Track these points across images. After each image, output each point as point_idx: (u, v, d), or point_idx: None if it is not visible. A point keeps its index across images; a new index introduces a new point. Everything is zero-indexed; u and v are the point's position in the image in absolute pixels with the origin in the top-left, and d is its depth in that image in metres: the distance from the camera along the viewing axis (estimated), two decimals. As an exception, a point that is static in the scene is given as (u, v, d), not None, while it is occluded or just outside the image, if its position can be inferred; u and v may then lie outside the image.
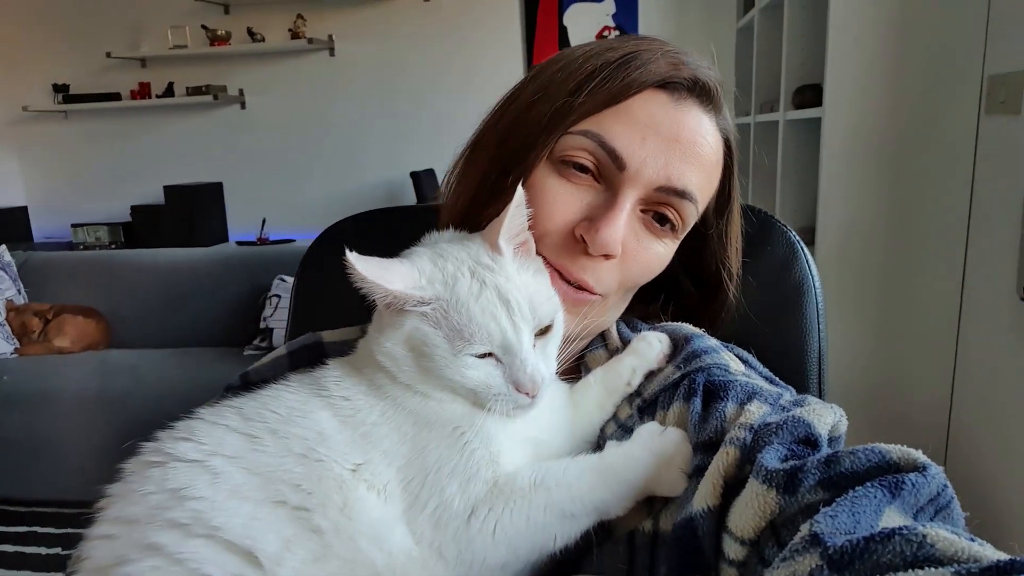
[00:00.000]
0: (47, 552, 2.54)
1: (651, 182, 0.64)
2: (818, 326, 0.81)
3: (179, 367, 2.95)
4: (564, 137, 0.65)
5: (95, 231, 4.46)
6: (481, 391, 0.56)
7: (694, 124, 0.65)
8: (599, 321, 0.70)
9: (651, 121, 0.64)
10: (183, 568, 0.48)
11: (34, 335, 3.12)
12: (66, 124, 4.72)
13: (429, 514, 0.54)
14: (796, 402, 0.56)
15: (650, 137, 0.63)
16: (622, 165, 0.63)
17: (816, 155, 2.28)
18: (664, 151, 0.64)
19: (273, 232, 4.43)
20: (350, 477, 0.54)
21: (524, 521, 0.54)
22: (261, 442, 0.54)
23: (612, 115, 0.64)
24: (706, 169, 0.67)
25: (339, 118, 4.44)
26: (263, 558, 0.49)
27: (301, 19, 4.25)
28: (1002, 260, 1.87)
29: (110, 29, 4.49)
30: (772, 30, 2.91)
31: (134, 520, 0.51)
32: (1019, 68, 1.82)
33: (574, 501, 0.55)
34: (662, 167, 0.64)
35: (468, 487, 0.54)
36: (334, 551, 0.51)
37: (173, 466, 0.53)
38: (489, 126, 0.72)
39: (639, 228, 0.66)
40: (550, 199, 0.65)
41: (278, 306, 3.07)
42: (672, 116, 0.64)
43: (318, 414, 0.57)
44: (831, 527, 0.38)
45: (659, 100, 0.65)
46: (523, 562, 0.56)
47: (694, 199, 0.66)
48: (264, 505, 0.51)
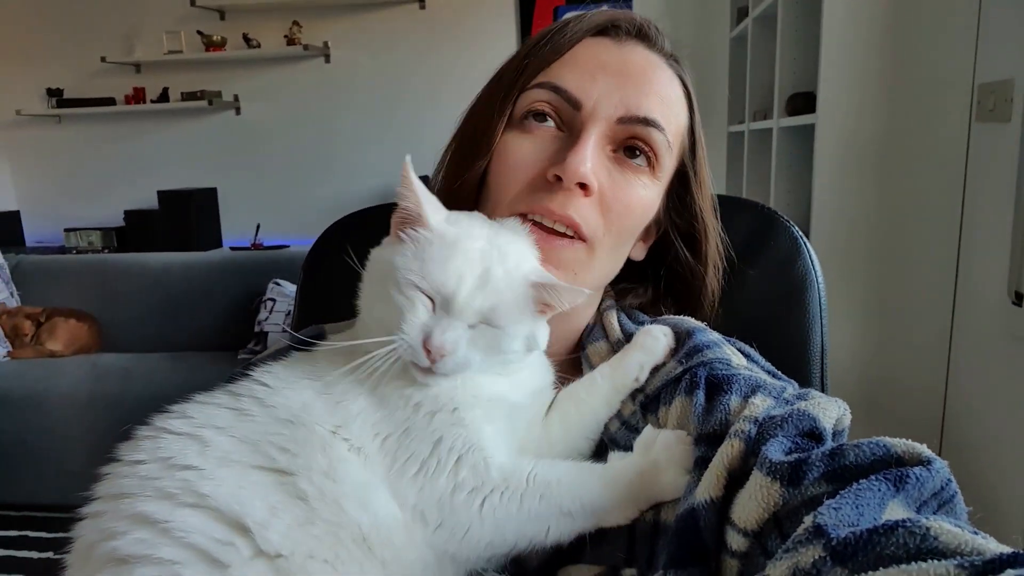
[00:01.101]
0: (39, 556, 2.52)
1: (610, 115, 0.65)
2: (820, 321, 0.82)
3: (172, 371, 2.94)
4: (520, 97, 0.68)
5: (88, 236, 4.43)
6: (400, 321, 0.56)
7: (641, 60, 0.68)
8: (590, 277, 0.69)
9: (597, 61, 0.67)
10: (170, 538, 0.48)
11: (26, 338, 3.10)
12: (60, 129, 4.69)
13: (410, 478, 0.55)
14: (800, 396, 0.56)
15: (599, 75, 0.66)
16: (577, 104, 0.65)
17: (809, 162, 2.30)
18: (617, 86, 0.66)
19: (267, 238, 4.41)
20: (331, 438, 0.55)
21: (516, 506, 0.55)
22: (249, 412, 0.56)
23: (559, 64, 0.67)
24: (664, 101, 0.68)
25: (334, 125, 4.44)
26: (251, 523, 0.49)
27: (297, 26, 4.25)
28: (993, 264, 1.89)
29: (105, 34, 4.48)
30: (765, 39, 2.93)
31: (123, 494, 0.51)
32: (1008, 77, 1.84)
33: (574, 500, 0.55)
34: (618, 101, 0.65)
35: (448, 456, 0.55)
36: (319, 515, 0.51)
37: (164, 438, 0.54)
38: (462, 124, 0.76)
39: (611, 166, 0.67)
40: (518, 155, 0.67)
41: (273, 310, 3.06)
42: (617, 54, 0.67)
43: (301, 382, 0.58)
44: (835, 519, 0.39)
45: (602, 44, 0.68)
46: (510, 545, 0.56)
47: (659, 126, 0.67)
48: (251, 472, 0.52)
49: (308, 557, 0.50)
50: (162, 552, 0.48)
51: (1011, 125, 1.82)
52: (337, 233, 0.96)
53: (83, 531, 0.52)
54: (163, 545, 0.48)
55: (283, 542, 0.49)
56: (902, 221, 2.18)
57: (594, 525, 0.57)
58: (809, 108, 2.35)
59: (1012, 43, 1.85)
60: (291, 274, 3.18)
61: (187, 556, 0.48)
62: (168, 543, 0.48)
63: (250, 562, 0.49)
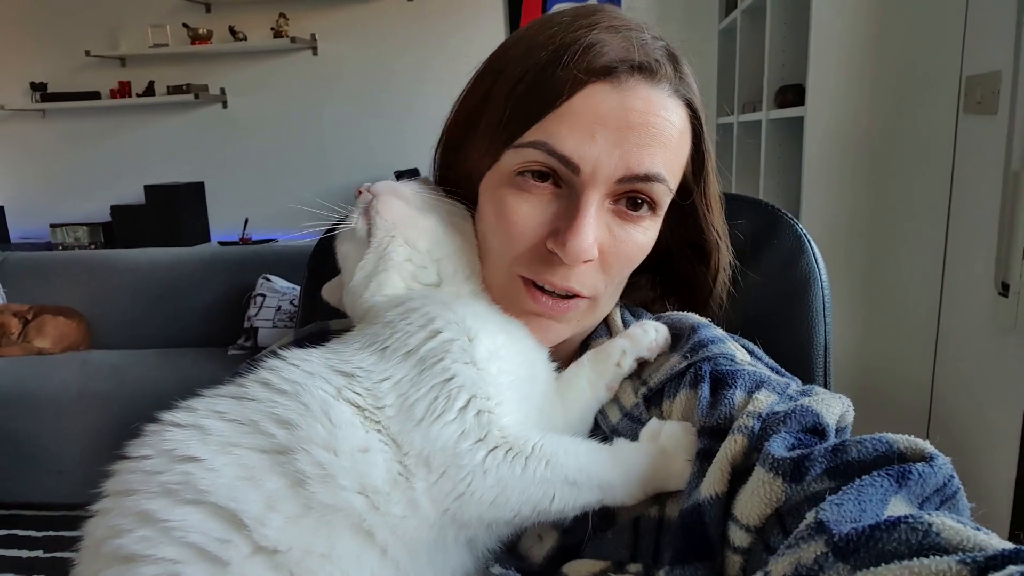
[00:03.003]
0: (28, 555, 2.50)
1: (610, 177, 0.61)
2: (824, 319, 0.82)
3: (162, 367, 2.92)
4: (511, 152, 0.62)
5: (74, 231, 4.39)
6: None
7: (643, 106, 0.61)
8: (595, 317, 0.71)
9: (596, 116, 0.60)
10: (170, 538, 0.48)
11: (13, 336, 3.07)
12: (44, 123, 4.64)
13: (417, 423, 0.55)
14: (804, 392, 0.56)
15: (599, 132, 0.60)
16: (576, 169, 0.60)
17: (799, 154, 2.31)
18: (617, 142, 0.60)
19: (255, 232, 4.39)
20: (333, 402, 0.55)
21: (520, 467, 0.54)
22: (250, 393, 0.56)
23: (555, 119, 0.60)
24: (669, 145, 0.63)
25: (322, 118, 4.41)
26: (247, 520, 0.49)
27: (284, 18, 4.21)
28: (980, 254, 1.91)
29: (89, 27, 4.43)
30: (755, 31, 2.93)
31: (129, 490, 0.51)
32: (995, 69, 1.86)
33: (580, 471, 0.55)
34: (619, 160, 0.60)
35: (458, 400, 0.55)
36: (316, 498, 0.51)
37: (169, 430, 0.54)
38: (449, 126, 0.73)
39: (612, 221, 0.63)
40: (513, 218, 0.62)
41: (263, 305, 3.05)
42: (617, 104, 0.60)
43: (310, 355, 0.59)
44: (837, 515, 0.39)
45: (600, 91, 0.60)
46: (513, 511, 0.55)
47: (662, 179, 0.63)
48: (250, 456, 0.52)
49: (305, 552, 0.50)
50: (164, 552, 0.48)
51: (998, 117, 1.84)
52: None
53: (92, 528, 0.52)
54: (164, 544, 0.48)
55: (280, 537, 0.49)
56: (890, 212, 2.19)
57: (599, 500, 0.56)
58: (798, 100, 2.36)
59: (999, 36, 1.86)
60: (281, 269, 3.16)
61: (187, 555, 0.48)
62: (169, 542, 0.48)
63: (249, 559, 0.49)
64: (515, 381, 0.59)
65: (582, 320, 0.68)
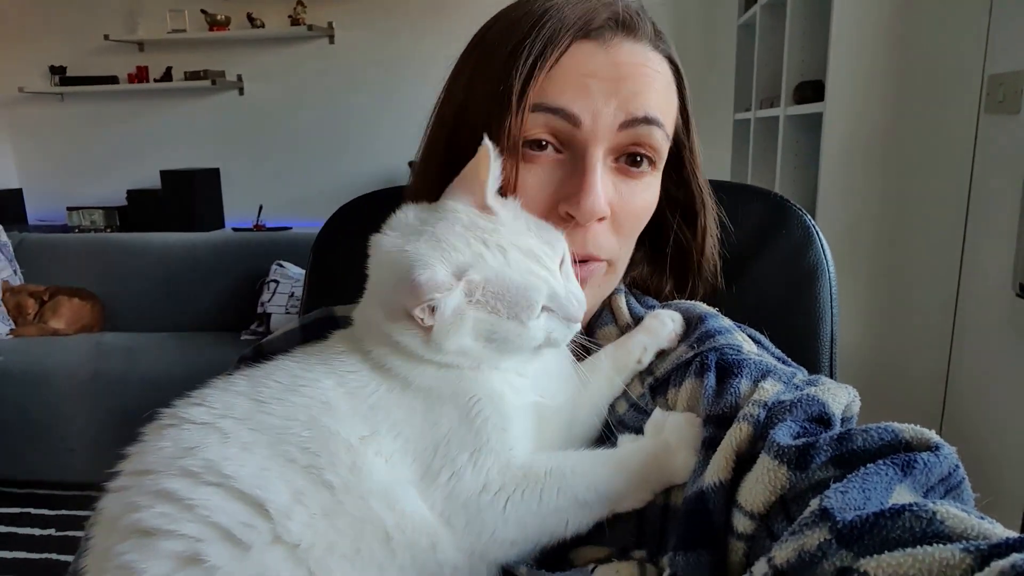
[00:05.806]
0: (40, 533, 2.54)
1: (611, 125, 0.63)
2: (831, 309, 0.81)
3: (175, 350, 2.95)
4: (511, 121, 0.63)
5: (90, 215, 4.42)
6: (547, 341, 0.58)
7: (628, 57, 0.64)
8: (614, 279, 0.72)
9: (586, 71, 0.63)
10: (193, 515, 0.48)
11: (29, 316, 3.12)
12: (62, 106, 4.67)
13: (442, 485, 0.54)
14: (810, 381, 0.57)
15: (592, 83, 0.62)
16: (576, 121, 0.62)
17: (816, 151, 2.29)
18: (612, 92, 0.63)
19: (270, 220, 4.41)
20: (358, 444, 0.54)
21: (536, 502, 0.55)
22: (268, 407, 0.55)
23: (547, 81, 0.62)
24: (659, 91, 0.66)
25: (338, 106, 4.42)
26: (272, 510, 0.49)
27: (301, 6, 4.22)
28: (998, 255, 1.89)
29: (108, 12, 4.45)
30: (774, 26, 2.91)
31: (147, 470, 0.51)
32: (1019, 68, 1.83)
33: (588, 489, 0.56)
34: (616, 107, 0.63)
35: (480, 458, 0.54)
36: (344, 507, 0.51)
37: (186, 427, 0.53)
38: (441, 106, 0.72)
39: (617, 180, 0.66)
40: (525, 188, 0.64)
41: (276, 291, 3.07)
42: (605, 60, 0.63)
43: (323, 382, 0.57)
44: (841, 502, 0.39)
45: (586, 49, 0.63)
46: (533, 542, 0.56)
47: (660, 123, 0.65)
48: (275, 459, 0.52)
49: (328, 551, 0.50)
50: (185, 528, 0.48)
51: (1020, 117, 1.82)
52: (347, 215, 0.95)
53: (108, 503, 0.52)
54: (186, 521, 0.48)
55: (303, 532, 0.49)
56: (908, 211, 2.17)
57: (610, 512, 0.57)
58: (817, 97, 2.33)
59: (1022, 35, 1.83)
60: (294, 256, 3.18)
61: (210, 534, 0.48)
62: (191, 519, 0.48)
63: (270, 547, 0.49)
64: (528, 414, 0.59)
65: (602, 285, 0.70)
